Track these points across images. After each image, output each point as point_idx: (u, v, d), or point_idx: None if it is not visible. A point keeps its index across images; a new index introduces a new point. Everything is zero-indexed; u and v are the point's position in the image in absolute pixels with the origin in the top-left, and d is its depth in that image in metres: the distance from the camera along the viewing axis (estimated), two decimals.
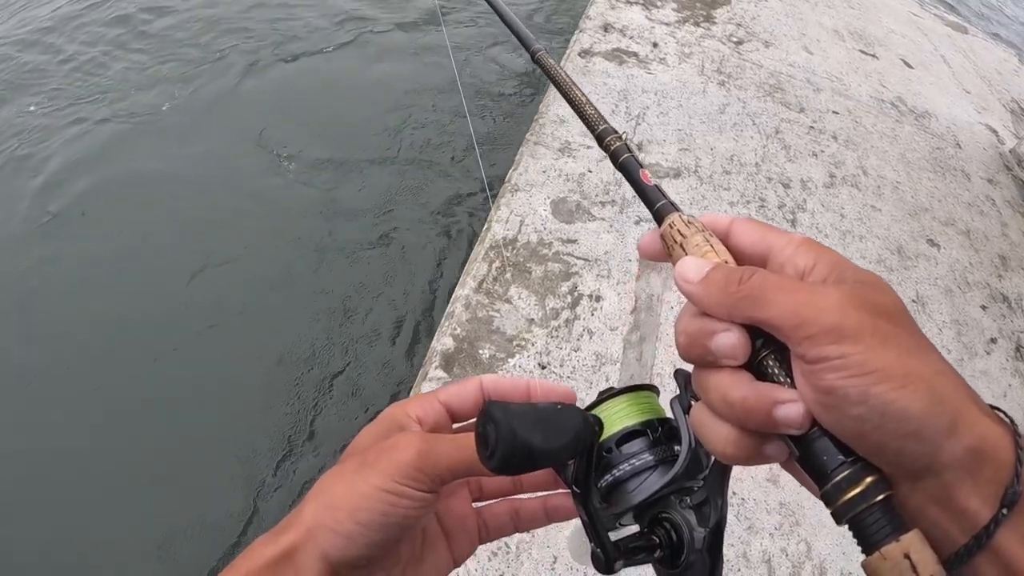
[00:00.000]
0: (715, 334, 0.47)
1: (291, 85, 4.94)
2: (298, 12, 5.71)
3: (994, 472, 0.40)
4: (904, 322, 0.45)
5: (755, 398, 0.45)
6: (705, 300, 0.49)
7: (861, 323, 0.42)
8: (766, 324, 0.45)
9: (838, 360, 0.42)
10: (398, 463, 0.53)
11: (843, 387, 0.41)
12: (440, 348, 2.49)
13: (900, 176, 4.08)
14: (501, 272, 2.81)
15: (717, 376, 0.48)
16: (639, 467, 0.56)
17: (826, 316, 0.43)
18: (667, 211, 0.57)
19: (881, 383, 0.41)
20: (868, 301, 0.44)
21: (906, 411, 0.40)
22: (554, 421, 0.51)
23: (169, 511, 2.67)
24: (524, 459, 0.48)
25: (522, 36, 0.95)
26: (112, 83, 4.70)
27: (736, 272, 0.48)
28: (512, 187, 3.21)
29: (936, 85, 5.40)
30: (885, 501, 0.42)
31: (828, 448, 0.44)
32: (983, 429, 0.41)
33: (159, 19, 5.39)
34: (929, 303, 3.26)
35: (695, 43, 4.76)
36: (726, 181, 3.56)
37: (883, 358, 0.41)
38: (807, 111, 4.38)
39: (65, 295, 3.36)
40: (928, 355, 0.43)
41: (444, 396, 0.61)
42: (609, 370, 2.54)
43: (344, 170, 4.22)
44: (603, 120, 0.71)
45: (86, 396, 2.99)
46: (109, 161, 4.10)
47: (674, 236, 0.54)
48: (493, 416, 0.47)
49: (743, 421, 0.46)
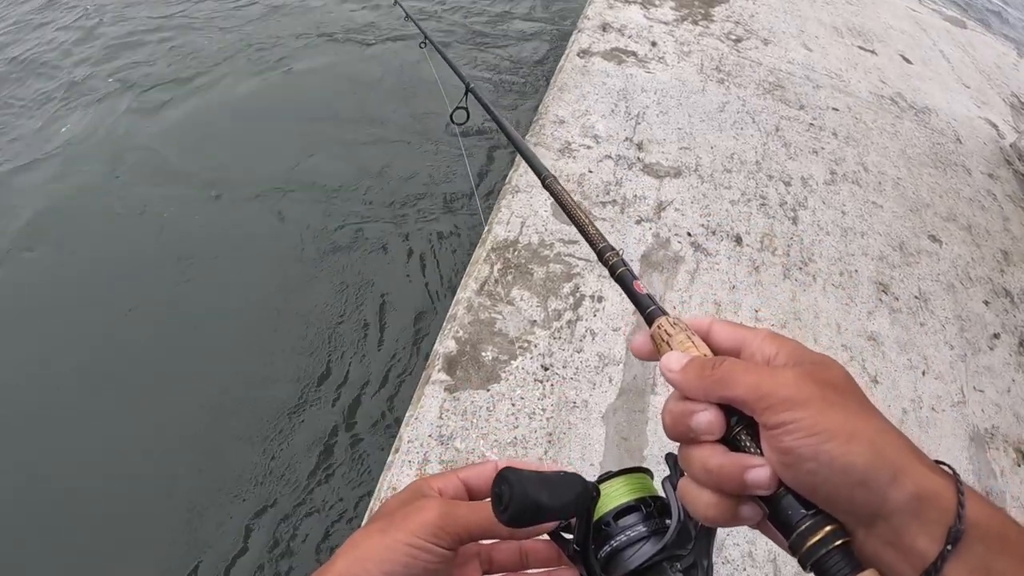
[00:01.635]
0: (695, 413, 0.56)
1: (289, 89, 4.95)
2: (281, 23, 5.73)
3: (939, 515, 0.46)
4: (850, 391, 0.53)
5: (730, 465, 0.53)
6: (685, 385, 0.58)
7: (812, 393, 0.51)
8: (735, 401, 0.54)
9: (792, 424, 0.50)
10: (422, 523, 0.61)
11: (798, 447, 0.49)
12: (443, 351, 2.49)
13: (901, 172, 4.07)
14: (503, 274, 2.80)
15: (698, 450, 0.56)
16: (634, 537, 0.63)
17: (782, 389, 0.51)
18: (656, 315, 0.68)
19: (829, 441, 0.48)
20: (818, 377, 0.53)
21: (852, 464, 0.47)
22: (559, 483, 0.59)
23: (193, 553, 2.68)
24: (533, 514, 0.56)
25: (534, 164, 1.18)
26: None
27: (710, 360, 0.58)
28: (512, 188, 3.21)
29: (935, 80, 5.39)
30: (843, 546, 0.48)
31: (792, 504, 0.51)
32: (923, 479, 0.47)
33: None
34: (931, 299, 3.26)
35: (694, 41, 4.76)
36: (727, 180, 3.56)
37: (830, 420, 0.49)
38: (807, 108, 4.37)
39: None
40: (872, 417, 0.51)
41: (464, 474, 0.70)
42: (612, 371, 2.53)
43: (338, 176, 4.23)
44: (603, 239, 0.84)
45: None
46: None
47: (662, 335, 0.65)
48: (507, 477, 0.56)
49: (721, 486, 0.54)
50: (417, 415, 2.28)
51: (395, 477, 2.12)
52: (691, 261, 3.04)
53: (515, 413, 2.34)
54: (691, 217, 3.27)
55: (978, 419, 2.79)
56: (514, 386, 2.42)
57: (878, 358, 2.88)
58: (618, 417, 2.39)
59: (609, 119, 3.76)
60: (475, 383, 2.40)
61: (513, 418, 2.32)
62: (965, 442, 2.69)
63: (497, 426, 2.29)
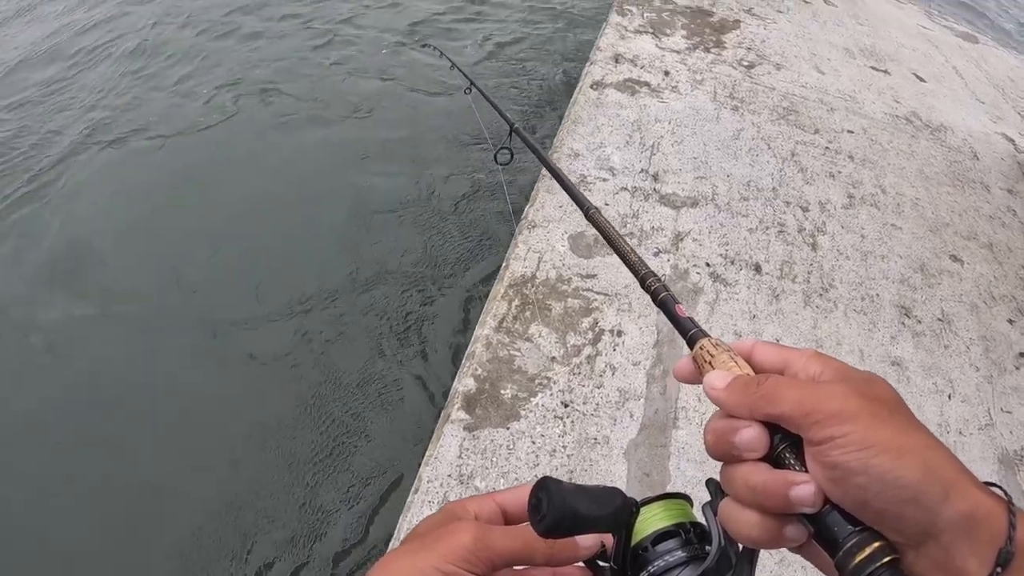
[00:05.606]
0: (738, 430, 0.56)
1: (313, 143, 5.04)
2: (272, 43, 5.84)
3: (989, 536, 0.45)
4: (899, 408, 0.53)
5: (773, 481, 0.53)
6: (729, 403, 0.58)
7: (860, 407, 0.50)
8: (780, 417, 0.54)
9: (840, 438, 0.49)
10: (455, 547, 0.57)
11: (846, 460, 0.48)
12: (462, 389, 2.50)
13: (919, 192, 4.06)
14: (521, 310, 2.82)
15: (741, 468, 0.56)
16: (672, 563, 0.60)
17: (830, 404, 0.51)
18: (698, 337, 0.68)
19: (880, 455, 0.47)
20: (866, 392, 0.52)
21: (903, 479, 0.47)
22: (598, 495, 0.58)
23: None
24: (571, 523, 0.54)
25: (577, 197, 1.22)
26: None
27: (754, 378, 0.58)
28: (529, 223, 3.23)
29: (949, 97, 5.38)
30: (891, 564, 0.47)
31: (838, 520, 0.51)
32: (975, 498, 0.46)
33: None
34: (955, 320, 3.24)
35: (706, 69, 4.79)
36: (744, 207, 3.57)
37: (880, 435, 0.49)
38: (822, 132, 4.38)
39: None
40: (922, 433, 0.51)
41: (500, 497, 0.67)
42: (633, 406, 2.54)
43: (357, 207, 4.30)
44: (645, 266, 0.86)
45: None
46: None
47: (704, 356, 0.66)
48: (547, 486, 0.55)
49: (764, 504, 0.53)
50: (436, 454, 2.30)
51: (414, 518, 2.13)
52: (710, 292, 3.05)
53: (535, 451, 2.35)
54: (709, 247, 3.28)
55: (1007, 441, 2.77)
56: (534, 423, 2.43)
57: (903, 383, 2.86)
58: (640, 453, 2.40)
59: (624, 150, 3.79)
60: (495, 421, 2.42)
61: (534, 456, 2.33)
62: (995, 465, 2.67)
63: (517, 464, 2.30)
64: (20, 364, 3.42)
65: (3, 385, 3.32)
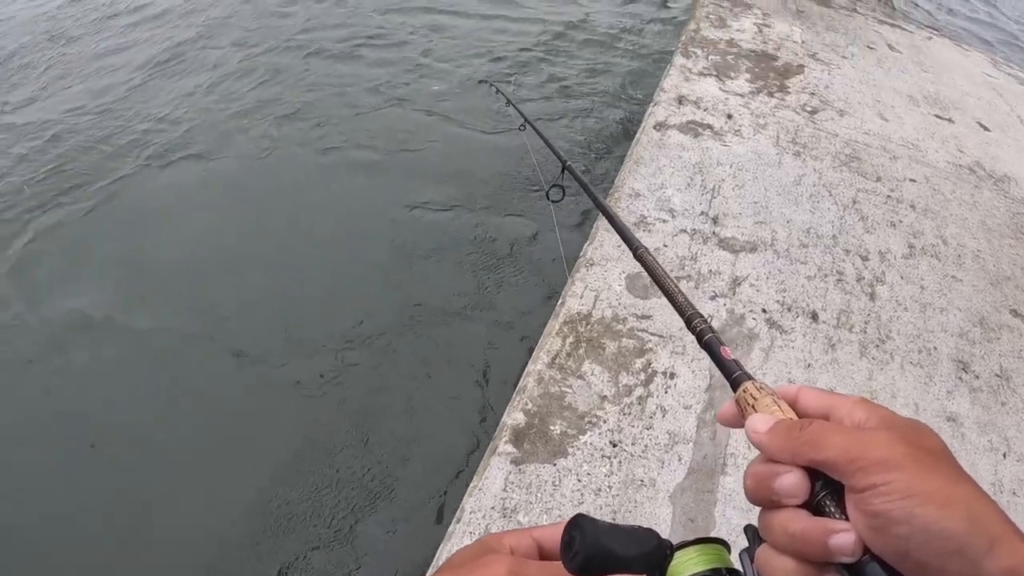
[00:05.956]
0: (779, 475, 0.56)
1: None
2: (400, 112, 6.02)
3: None
4: (946, 458, 0.53)
5: (813, 529, 0.53)
6: (771, 447, 0.58)
7: (905, 455, 0.50)
8: (823, 464, 0.54)
9: (884, 486, 0.49)
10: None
11: (890, 509, 0.48)
12: (511, 423, 2.55)
13: (981, 244, 4.04)
14: (575, 347, 2.88)
15: (780, 514, 0.56)
16: None
17: (874, 451, 0.51)
18: (742, 379, 0.69)
19: (924, 505, 0.47)
20: (913, 440, 0.52)
21: (947, 530, 0.46)
22: (633, 535, 0.58)
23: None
24: (602, 561, 0.55)
25: (627, 236, 1.25)
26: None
27: (797, 422, 0.58)
28: (587, 261, 3.30)
29: (1014, 147, 5.32)
30: None
31: (877, 572, 0.50)
32: (1020, 552, 0.45)
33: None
34: (1014, 377, 3.21)
35: (769, 113, 4.84)
36: (803, 255, 3.59)
37: (926, 484, 0.48)
38: (884, 180, 4.38)
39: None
40: (968, 484, 0.50)
41: (537, 533, 0.66)
42: (682, 449, 2.57)
43: (406, 238, 4.45)
44: (691, 306, 0.89)
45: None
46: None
47: (747, 399, 0.66)
48: (580, 524, 0.56)
49: (802, 552, 0.53)
50: (481, 486, 2.34)
51: (454, 547, 2.16)
52: (766, 338, 3.08)
53: (581, 489, 2.38)
54: (766, 293, 3.31)
55: None
56: (581, 461, 2.46)
57: (957, 439, 2.85)
58: (686, 497, 2.42)
59: (685, 192, 3.85)
60: (542, 456, 2.45)
61: (579, 494, 2.36)
62: None
63: (562, 501, 2.33)
64: (83, 377, 3.62)
65: (58, 399, 3.50)
